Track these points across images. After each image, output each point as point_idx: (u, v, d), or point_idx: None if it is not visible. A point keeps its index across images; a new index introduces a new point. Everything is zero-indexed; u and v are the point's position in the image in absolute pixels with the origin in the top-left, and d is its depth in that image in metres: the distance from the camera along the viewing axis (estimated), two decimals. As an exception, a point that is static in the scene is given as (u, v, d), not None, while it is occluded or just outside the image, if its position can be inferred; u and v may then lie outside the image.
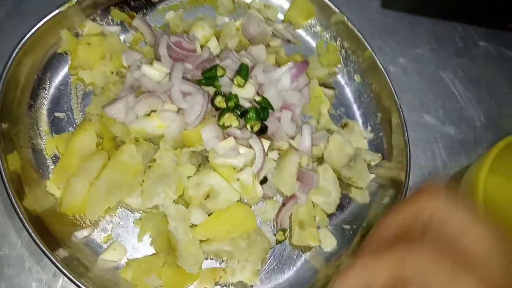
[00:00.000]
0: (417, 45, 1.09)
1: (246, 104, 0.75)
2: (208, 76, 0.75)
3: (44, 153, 0.77)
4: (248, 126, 0.74)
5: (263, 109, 0.75)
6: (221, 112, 0.73)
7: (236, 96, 0.74)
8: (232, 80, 0.76)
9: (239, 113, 0.73)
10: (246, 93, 0.75)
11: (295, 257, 0.83)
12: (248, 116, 0.73)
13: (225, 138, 0.72)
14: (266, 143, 0.76)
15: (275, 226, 0.83)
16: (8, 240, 0.74)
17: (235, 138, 0.72)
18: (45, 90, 0.80)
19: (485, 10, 1.16)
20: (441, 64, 1.08)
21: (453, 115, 1.04)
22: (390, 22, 1.09)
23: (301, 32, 1.00)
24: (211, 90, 0.77)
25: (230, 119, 0.72)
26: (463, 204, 0.50)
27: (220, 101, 0.73)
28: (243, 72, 0.75)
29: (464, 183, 0.87)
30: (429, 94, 1.04)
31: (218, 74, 0.75)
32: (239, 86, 0.75)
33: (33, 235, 0.67)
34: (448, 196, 0.50)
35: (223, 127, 0.72)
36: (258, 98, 0.75)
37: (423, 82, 1.05)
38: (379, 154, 0.92)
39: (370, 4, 1.10)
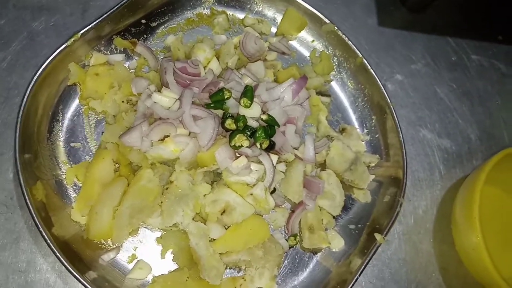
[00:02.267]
0: (413, 60, 1.14)
1: (254, 123, 0.80)
2: (217, 100, 0.80)
3: (65, 182, 0.81)
4: (258, 144, 0.79)
5: (270, 126, 0.80)
6: (231, 133, 0.77)
7: (244, 117, 0.79)
8: (238, 101, 0.81)
9: (249, 133, 0.77)
10: (253, 113, 0.80)
11: (307, 259, 0.89)
12: (257, 135, 0.78)
13: (237, 158, 0.77)
14: (274, 158, 0.81)
15: (286, 232, 0.89)
16: (35, 267, 0.79)
17: (247, 156, 0.77)
18: (59, 122, 0.84)
19: (476, 24, 1.21)
20: (436, 79, 1.13)
21: (449, 128, 1.09)
22: (386, 39, 1.14)
23: (294, 43, 1.05)
24: (219, 112, 0.81)
25: (241, 139, 0.76)
26: None
27: (230, 123, 0.78)
28: (249, 93, 0.80)
29: (461, 195, 0.93)
30: (425, 109, 1.09)
31: (225, 97, 0.80)
32: (246, 107, 0.79)
33: (61, 259, 0.71)
34: None
35: (235, 147, 0.77)
36: (264, 117, 0.80)
37: (419, 97, 1.10)
38: (377, 155, 0.98)
39: (367, 22, 1.15)
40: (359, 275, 0.83)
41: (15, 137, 0.75)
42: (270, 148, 0.80)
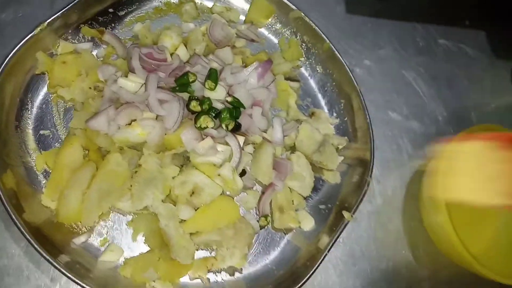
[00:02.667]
0: (381, 46, 1.16)
1: (219, 105, 0.82)
2: (181, 83, 0.81)
3: (35, 169, 0.82)
4: (223, 126, 0.81)
5: (235, 108, 0.82)
6: (197, 115, 0.79)
7: (209, 99, 0.81)
8: (203, 84, 0.83)
9: (214, 114, 0.79)
10: (218, 95, 0.82)
11: (278, 239, 0.91)
12: (222, 116, 0.80)
13: (203, 139, 0.79)
14: (241, 139, 0.83)
15: (258, 213, 0.91)
16: (7, 252, 0.79)
17: (212, 137, 0.79)
18: (28, 110, 0.85)
19: (443, 9, 1.24)
20: (403, 63, 1.16)
21: (416, 111, 1.11)
22: (355, 26, 1.16)
23: (263, 31, 1.07)
24: (185, 95, 0.83)
25: (206, 121, 0.78)
26: None
27: (195, 106, 0.79)
28: (213, 76, 0.82)
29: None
30: (393, 93, 1.12)
31: (190, 80, 0.81)
32: (211, 89, 0.81)
33: (34, 244, 0.72)
34: None
35: (200, 128, 0.79)
36: (229, 99, 0.82)
37: (387, 81, 1.13)
38: (346, 138, 1.00)
39: (335, 9, 1.17)
40: (328, 251, 0.85)
41: (-18, 126, 0.76)
42: (236, 129, 0.82)
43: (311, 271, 0.83)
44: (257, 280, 0.86)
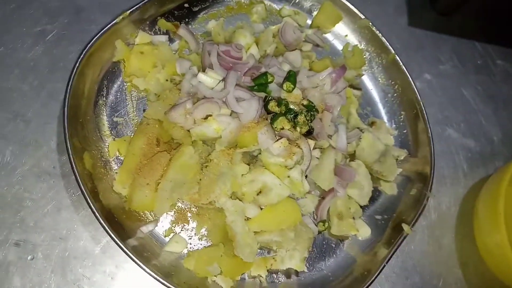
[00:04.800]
0: (441, 61, 1.17)
1: (294, 108, 0.82)
2: (260, 83, 0.82)
3: (107, 155, 0.84)
4: (298, 128, 0.81)
5: (310, 112, 0.82)
6: (274, 115, 0.80)
7: (286, 100, 0.81)
8: (280, 86, 0.83)
9: (292, 116, 0.80)
10: (294, 98, 0.83)
11: (334, 246, 0.91)
12: (298, 119, 0.80)
13: (277, 140, 0.79)
14: (311, 143, 0.83)
15: (315, 218, 0.91)
16: (75, 235, 0.81)
17: (287, 139, 0.79)
18: (103, 97, 0.87)
19: (502, 30, 1.24)
20: (462, 81, 1.16)
21: (473, 129, 1.12)
22: (416, 38, 1.17)
23: (328, 36, 1.08)
24: (261, 95, 0.83)
25: (283, 122, 0.79)
26: None
27: (273, 106, 0.80)
28: (292, 78, 0.82)
29: (485, 193, 0.95)
30: (451, 108, 1.13)
31: (268, 80, 0.82)
32: (289, 91, 0.82)
33: (105, 226, 0.73)
34: None
35: (277, 129, 0.79)
36: (305, 102, 0.83)
37: (446, 97, 1.13)
38: (405, 150, 1.00)
39: (397, 21, 1.18)
40: (386, 263, 0.85)
41: (64, 108, 0.77)
42: (309, 134, 0.82)
43: (368, 282, 0.83)
44: (312, 284, 0.87)
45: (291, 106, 0.81)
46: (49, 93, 0.87)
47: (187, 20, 0.97)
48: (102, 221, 0.73)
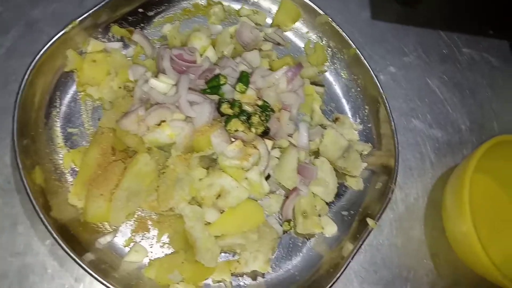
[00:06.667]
0: (405, 53, 1.16)
1: (248, 109, 0.82)
2: (213, 85, 0.81)
3: (62, 167, 0.82)
4: (253, 129, 0.80)
5: (265, 112, 0.81)
6: (227, 118, 0.79)
7: (239, 102, 0.80)
8: (234, 87, 0.83)
9: (245, 118, 0.79)
10: (248, 99, 0.82)
11: (300, 244, 0.91)
12: (252, 120, 0.80)
13: (232, 142, 0.78)
14: (269, 143, 0.83)
15: (280, 218, 0.90)
16: (32, 250, 0.80)
17: (242, 140, 0.78)
18: (57, 108, 0.85)
19: (467, 18, 1.24)
20: (427, 71, 1.16)
21: (440, 119, 1.11)
22: (379, 32, 1.16)
23: (289, 34, 1.07)
24: (215, 98, 0.83)
25: (236, 124, 0.78)
26: None
27: (226, 108, 0.79)
28: (244, 79, 0.82)
29: (452, 183, 0.95)
30: (417, 100, 1.12)
31: (221, 82, 0.81)
32: (242, 92, 0.81)
33: (60, 242, 0.72)
34: None
35: (231, 131, 0.79)
36: (260, 102, 0.82)
37: (411, 88, 1.13)
38: (370, 144, 1.00)
39: (360, 15, 1.17)
40: (351, 259, 0.84)
41: (13, 122, 0.76)
42: (265, 134, 0.82)
43: (335, 278, 0.82)
44: (279, 285, 0.86)
45: (245, 107, 0.80)
46: (2, 108, 0.85)
47: (142, 25, 0.96)
48: (56, 236, 0.72)
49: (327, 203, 0.93)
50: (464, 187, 0.86)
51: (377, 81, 0.99)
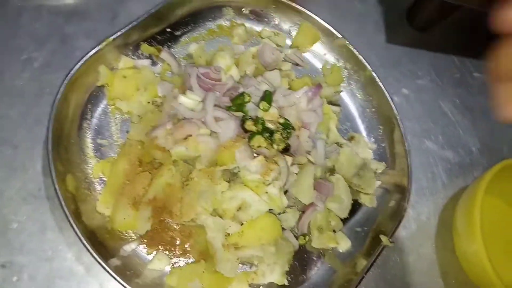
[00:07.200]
0: (419, 76, 1.20)
1: (271, 126, 0.86)
2: (238, 103, 0.85)
3: (91, 176, 0.86)
4: (275, 146, 0.84)
5: (286, 130, 0.85)
6: (251, 134, 0.83)
7: (263, 119, 0.84)
8: (257, 105, 0.87)
9: (268, 135, 0.83)
10: (270, 116, 0.86)
11: (315, 258, 0.94)
12: (274, 137, 0.84)
13: (254, 157, 0.82)
14: (289, 160, 0.86)
15: (296, 232, 0.93)
16: (60, 255, 0.83)
17: (264, 156, 0.82)
18: (88, 120, 0.90)
19: (479, 44, 1.27)
20: (440, 94, 1.20)
21: (452, 141, 1.15)
22: (394, 55, 1.21)
23: (307, 55, 1.11)
24: (239, 114, 0.87)
25: (260, 140, 0.82)
26: None
27: (249, 125, 0.83)
28: (268, 98, 0.86)
29: (462, 203, 0.98)
30: (430, 122, 1.16)
31: (246, 100, 0.85)
32: (265, 110, 0.85)
33: (88, 247, 0.76)
34: None
35: (254, 147, 0.83)
36: (281, 120, 0.86)
37: (424, 110, 1.17)
38: (383, 163, 1.03)
39: (376, 39, 1.22)
40: (365, 274, 0.87)
41: (47, 133, 0.80)
42: (286, 150, 0.85)
43: (349, 293, 0.85)
44: (294, 298, 0.89)
45: (268, 125, 0.84)
46: (36, 119, 0.90)
47: (169, 44, 1.01)
48: (84, 242, 0.76)
49: (341, 219, 0.96)
50: (474, 207, 0.88)
51: (391, 102, 1.03)
